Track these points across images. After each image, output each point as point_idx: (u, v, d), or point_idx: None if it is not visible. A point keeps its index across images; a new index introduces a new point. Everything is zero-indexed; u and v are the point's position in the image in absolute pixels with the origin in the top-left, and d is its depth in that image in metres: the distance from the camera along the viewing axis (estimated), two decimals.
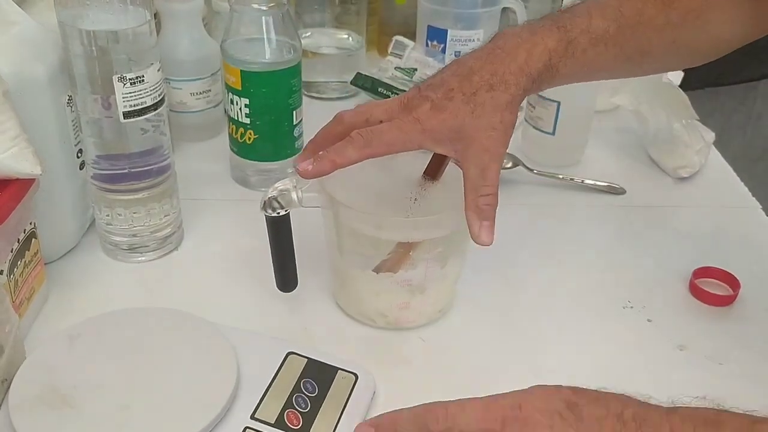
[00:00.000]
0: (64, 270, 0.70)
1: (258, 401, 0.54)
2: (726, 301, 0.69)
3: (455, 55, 0.95)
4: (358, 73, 0.98)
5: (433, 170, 0.63)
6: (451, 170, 0.63)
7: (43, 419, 0.51)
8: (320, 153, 0.57)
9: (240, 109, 0.78)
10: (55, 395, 0.52)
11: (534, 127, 0.88)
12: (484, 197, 0.56)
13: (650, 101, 0.90)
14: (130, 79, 0.62)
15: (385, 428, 0.47)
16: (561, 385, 0.47)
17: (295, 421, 0.53)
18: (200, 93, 0.89)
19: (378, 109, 0.59)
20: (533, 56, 0.58)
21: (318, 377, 0.57)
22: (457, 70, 0.58)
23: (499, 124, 0.56)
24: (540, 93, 0.85)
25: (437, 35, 0.99)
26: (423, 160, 0.63)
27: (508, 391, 0.46)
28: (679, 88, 0.91)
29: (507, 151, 0.86)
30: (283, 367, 0.57)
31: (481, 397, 0.46)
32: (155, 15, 0.84)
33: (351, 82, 0.98)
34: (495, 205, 0.57)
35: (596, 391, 0.46)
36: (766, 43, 0.65)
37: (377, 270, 0.61)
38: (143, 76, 0.63)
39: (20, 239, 0.61)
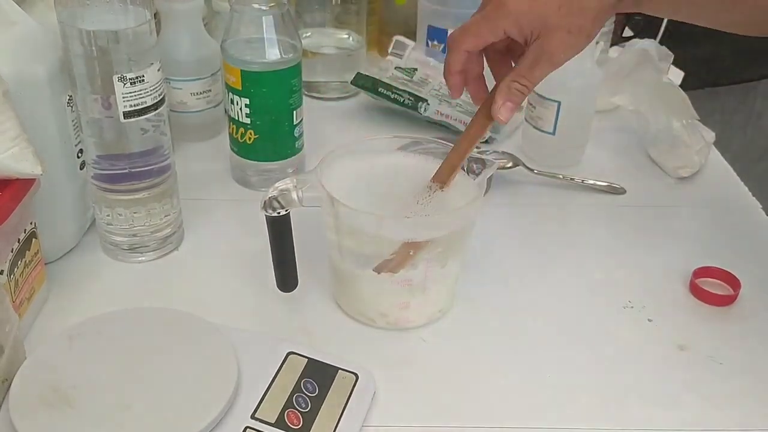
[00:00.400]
0: (65, 270, 0.70)
1: (258, 401, 0.54)
2: (726, 301, 0.69)
3: None
4: (358, 73, 0.98)
5: (443, 176, 0.63)
6: (458, 178, 0.63)
7: (44, 419, 0.51)
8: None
9: (240, 109, 0.78)
10: (56, 395, 0.52)
11: (534, 127, 0.88)
12: (520, 84, 0.58)
13: (650, 101, 0.90)
14: (130, 79, 0.62)
15: None
16: None
17: (295, 421, 0.53)
18: (200, 93, 0.89)
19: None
20: None
21: (318, 377, 0.57)
22: None
23: (576, 30, 0.57)
24: (540, 93, 0.85)
25: (437, 35, 0.99)
26: (434, 165, 0.63)
27: None
28: (680, 88, 0.91)
29: (507, 151, 0.88)
30: (283, 367, 0.57)
31: None
32: (155, 15, 0.84)
33: (351, 82, 0.98)
34: (524, 95, 0.59)
35: None
36: (765, 43, 0.65)
37: (378, 270, 0.61)
38: (143, 76, 0.63)
39: (20, 239, 0.61)
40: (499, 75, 0.62)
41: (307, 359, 0.58)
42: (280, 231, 0.62)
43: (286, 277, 0.64)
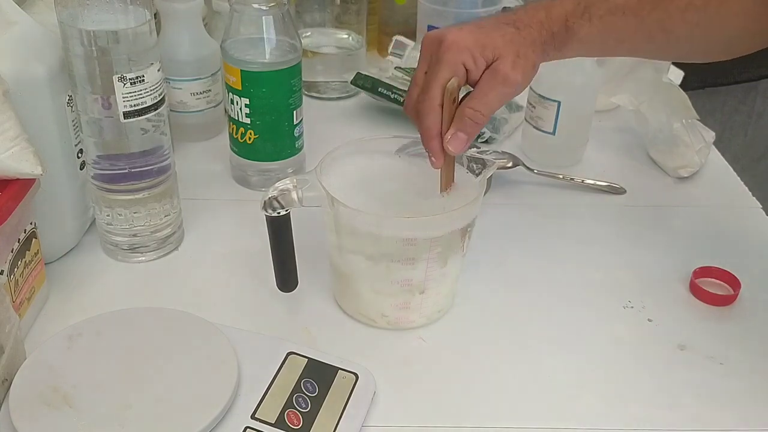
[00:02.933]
0: (65, 270, 0.70)
1: (258, 401, 0.54)
2: (726, 301, 0.69)
3: None
4: (358, 73, 0.98)
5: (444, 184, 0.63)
6: (458, 178, 0.63)
7: (44, 419, 0.51)
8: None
9: (240, 109, 0.78)
10: (56, 395, 0.52)
11: (534, 127, 0.88)
12: (473, 110, 0.58)
13: (650, 101, 0.90)
14: (130, 79, 0.62)
15: None
16: None
17: (295, 421, 0.53)
18: (200, 93, 0.89)
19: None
20: (551, 15, 0.61)
21: (318, 377, 0.57)
22: (479, 19, 0.62)
23: (523, 55, 0.59)
24: (540, 93, 0.85)
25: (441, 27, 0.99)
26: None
27: None
28: (680, 88, 0.91)
29: (507, 151, 0.88)
30: (283, 367, 0.57)
31: None
32: (155, 15, 0.84)
33: (351, 82, 0.98)
34: (478, 125, 0.59)
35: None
36: None
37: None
38: (143, 76, 0.63)
39: (21, 239, 0.61)
40: None
41: (307, 359, 0.58)
42: (280, 231, 0.62)
43: (286, 277, 0.64)
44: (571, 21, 0.61)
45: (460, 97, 0.60)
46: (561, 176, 0.86)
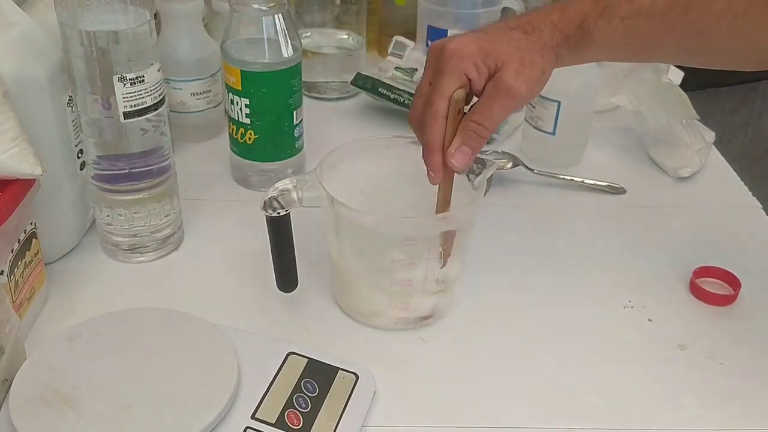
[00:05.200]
0: (65, 270, 0.70)
1: (258, 401, 0.54)
2: (726, 301, 0.69)
3: None
4: (358, 73, 0.98)
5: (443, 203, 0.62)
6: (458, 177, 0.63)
7: (44, 419, 0.51)
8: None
9: (240, 109, 0.78)
10: (56, 395, 0.52)
11: (534, 127, 0.88)
12: (476, 124, 0.56)
13: (650, 101, 0.90)
14: (130, 79, 0.62)
15: None
16: None
17: (295, 421, 0.53)
18: (200, 93, 0.89)
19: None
20: (566, 16, 0.57)
21: (318, 377, 0.57)
22: (488, 24, 0.60)
23: (529, 62, 0.56)
24: (540, 93, 0.85)
25: (437, 35, 0.99)
26: None
27: None
28: (680, 88, 0.91)
29: (507, 151, 0.88)
30: (283, 367, 0.57)
31: None
32: (155, 15, 0.84)
33: (351, 82, 0.98)
34: (483, 138, 0.57)
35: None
36: None
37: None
38: (143, 76, 0.63)
39: (21, 239, 0.61)
40: None
41: (307, 359, 0.58)
42: (280, 231, 0.62)
43: (286, 277, 0.64)
44: (589, 22, 0.57)
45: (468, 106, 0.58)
46: (561, 176, 0.86)
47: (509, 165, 0.86)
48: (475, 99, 0.59)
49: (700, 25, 0.57)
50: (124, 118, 0.64)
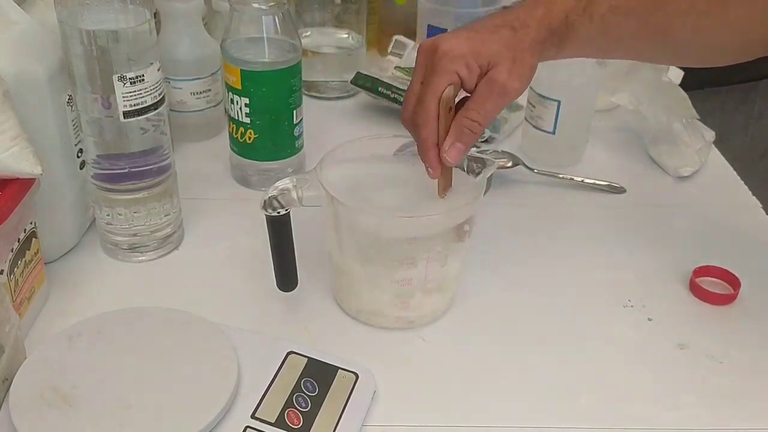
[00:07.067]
0: (65, 270, 0.70)
1: (258, 400, 0.54)
2: (726, 300, 0.69)
3: None
4: (358, 72, 0.98)
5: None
6: (458, 177, 0.63)
7: (44, 419, 0.51)
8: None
9: (240, 108, 0.78)
10: (56, 395, 0.52)
11: (534, 127, 0.88)
12: (470, 120, 0.57)
13: (650, 101, 0.90)
14: (130, 79, 0.62)
15: None
16: None
17: (295, 421, 0.53)
18: (200, 93, 0.89)
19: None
20: (551, 10, 0.59)
21: (318, 377, 0.57)
22: (476, 21, 0.60)
23: (519, 60, 0.57)
24: (540, 92, 0.85)
25: (437, 34, 0.99)
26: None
27: None
28: (680, 88, 0.91)
29: (507, 150, 0.88)
30: (283, 367, 0.57)
31: None
32: (155, 14, 0.84)
33: (351, 82, 0.98)
34: (476, 134, 0.58)
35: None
36: None
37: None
38: (143, 76, 0.63)
39: (20, 239, 0.61)
40: None
41: (307, 359, 0.58)
42: (280, 231, 0.62)
43: (286, 277, 0.64)
44: (573, 18, 0.59)
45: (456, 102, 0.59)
46: (561, 176, 0.86)
47: (509, 164, 0.86)
48: (462, 93, 0.60)
49: (666, 24, 0.60)
50: (124, 118, 0.64)
